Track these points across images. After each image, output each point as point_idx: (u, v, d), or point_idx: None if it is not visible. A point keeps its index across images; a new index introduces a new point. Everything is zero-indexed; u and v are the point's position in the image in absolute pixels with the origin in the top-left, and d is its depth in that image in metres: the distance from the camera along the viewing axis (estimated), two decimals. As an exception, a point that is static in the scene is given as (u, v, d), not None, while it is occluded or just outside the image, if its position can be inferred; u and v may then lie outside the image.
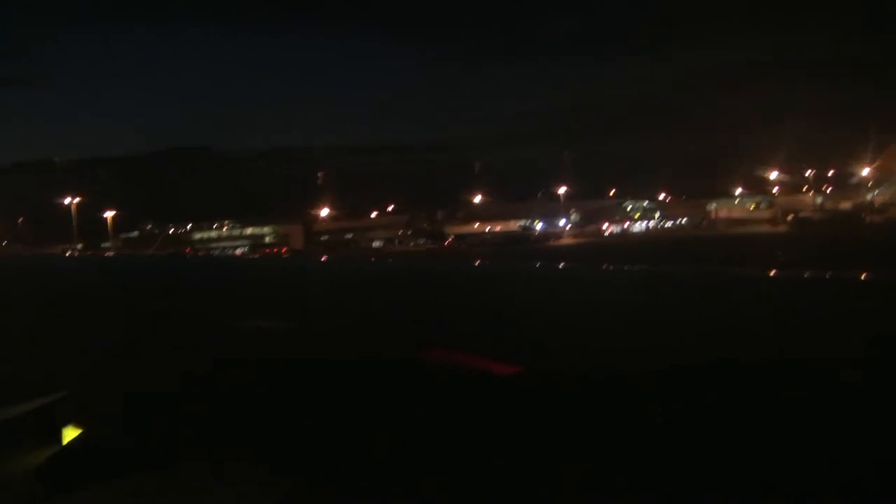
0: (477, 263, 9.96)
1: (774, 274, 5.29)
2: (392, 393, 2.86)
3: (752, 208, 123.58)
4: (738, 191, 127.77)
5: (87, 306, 5.22)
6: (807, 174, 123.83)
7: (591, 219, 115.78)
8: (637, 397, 2.53)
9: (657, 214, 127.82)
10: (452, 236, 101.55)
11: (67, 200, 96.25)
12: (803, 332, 3.08)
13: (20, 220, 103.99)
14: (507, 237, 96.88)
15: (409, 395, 2.83)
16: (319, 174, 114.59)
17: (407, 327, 3.82)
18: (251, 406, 3.02)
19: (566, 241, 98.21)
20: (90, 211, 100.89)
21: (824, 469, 2.05)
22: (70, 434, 3.14)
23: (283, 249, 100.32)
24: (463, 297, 4.75)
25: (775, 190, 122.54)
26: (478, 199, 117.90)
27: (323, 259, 18.56)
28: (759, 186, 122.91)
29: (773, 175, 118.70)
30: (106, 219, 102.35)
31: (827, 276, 4.32)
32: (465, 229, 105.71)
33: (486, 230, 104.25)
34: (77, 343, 4.18)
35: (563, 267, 6.51)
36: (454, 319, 3.97)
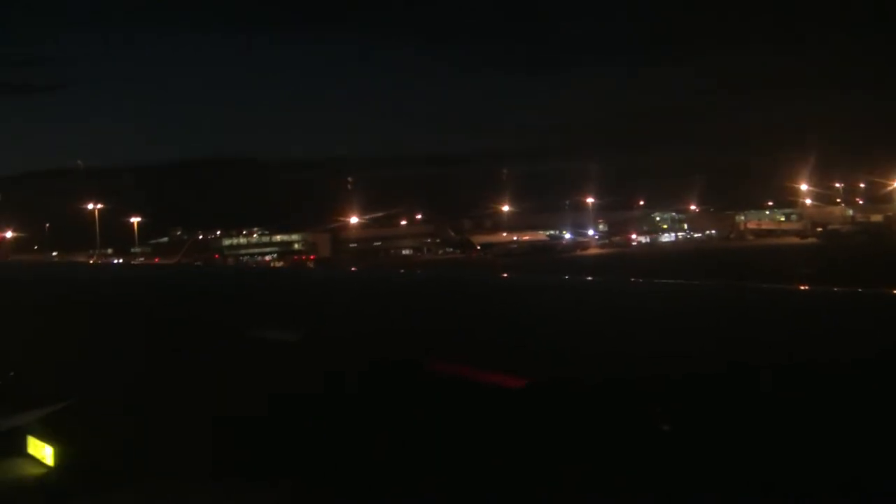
0: (505, 276, 10.03)
1: (796, 288, 5.28)
2: (392, 398, 2.87)
3: (781, 220, 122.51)
4: (768, 203, 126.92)
5: (90, 314, 5.32)
6: (837, 186, 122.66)
7: (618, 229, 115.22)
8: (637, 399, 2.51)
9: (685, 226, 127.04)
10: (479, 246, 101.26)
11: (91, 206, 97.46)
12: (816, 342, 3.04)
13: (47, 226, 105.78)
14: (534, 247, 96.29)
15: (408, 401, 2.83)
16: (348, 182, 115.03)
17: (417, 337, 3.83)
18: (252, 408, 3.04)
19: (594, 251, 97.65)
20: (118, 217, 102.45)
21: (824, 469, 2.03)
22: (33, 445, 3.18)
23: (311, 257, 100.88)
24: (483, 308, 4.77)
25: (806, 202, 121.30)
26: (505, 208, 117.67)
27: (352, 269, 18.93)
28: (788, 198, 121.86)
29: (803, 187, 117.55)
30: (133, 225, 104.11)
31: (840, 290, 4.33)
32: (491, 239, 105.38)
33: (513, 240, 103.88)
34: (85, 350, 4.24)
35: (582, 280, 6.57)
36: (472, 328, 3.98)
